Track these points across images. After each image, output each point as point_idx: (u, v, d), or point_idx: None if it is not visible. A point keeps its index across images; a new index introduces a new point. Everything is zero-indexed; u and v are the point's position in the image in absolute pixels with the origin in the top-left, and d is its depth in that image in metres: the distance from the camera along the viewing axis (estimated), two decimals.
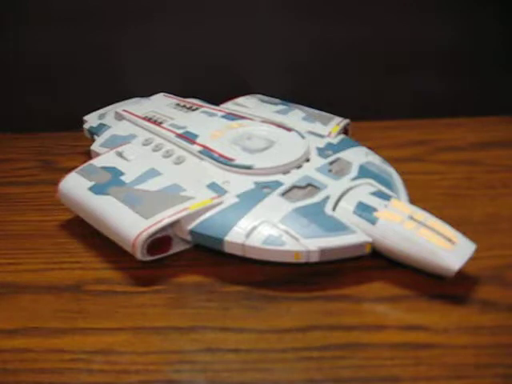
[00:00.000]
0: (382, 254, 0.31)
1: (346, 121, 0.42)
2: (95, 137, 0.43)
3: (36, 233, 0.36)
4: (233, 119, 0.41)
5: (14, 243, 0.35)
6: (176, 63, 0.51)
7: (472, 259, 0.29)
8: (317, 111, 0.43)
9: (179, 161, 0.36)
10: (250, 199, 0.32)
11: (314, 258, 0.29)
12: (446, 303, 0.29)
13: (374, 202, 0.31)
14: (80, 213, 0.35)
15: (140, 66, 0.51)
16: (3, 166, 0.46)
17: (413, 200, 0.33)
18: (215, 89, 0.49)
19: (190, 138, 0.38)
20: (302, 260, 0.29)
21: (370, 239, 0.30)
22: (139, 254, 0.30)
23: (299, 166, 0.35)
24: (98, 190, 0.34)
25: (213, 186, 0.33)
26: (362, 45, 0.49)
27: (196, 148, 0.36)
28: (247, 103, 0.46)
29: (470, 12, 0.48)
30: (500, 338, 0.26)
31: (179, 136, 0.38)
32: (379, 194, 0.32)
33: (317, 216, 0.31)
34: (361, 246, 0.30)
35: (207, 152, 0.36)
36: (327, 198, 0.32)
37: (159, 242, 0.32)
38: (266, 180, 0.33)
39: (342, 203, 0.32)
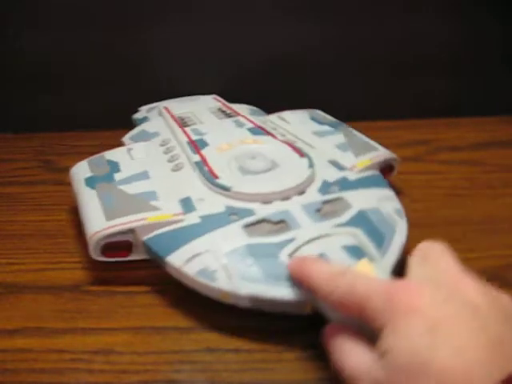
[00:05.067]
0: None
1: (388, 156, 0.37)
2: None
3: (36, 233, 0.36)
4: (256, 133, 0.39)
5: (14, 243, 0.35)
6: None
7: (472, 259, 0.28)
8: (364, 138, 0.40)
9: (177, 168, 0.36)
10: (211, 223, 0.30)
11: (244, 304, 0.27)
12: None
13: (338, 257, 0.27)
14: (75, 202, 0.35)
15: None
16: (3, 166, 0.46)
17: (413, 200, 0.33)
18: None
19: (197, 146, 0.37)
20: (231, 302, 0.27)
21: (309, 299, 0.25)
22: (93, 253, 0.30)
23: (286, 198, 0.31)
24: (89, 182, 0.35)
25: (185, 201, 0.32)
26: (362, 46, 0.49)
27: (195, 158, 0.36)
28: (291, 118, 0.43)
29: (470, 13, 0.48)
30: None
31: (190, 142, 0.38)
32: (352, 250, 0.27)
33: (266, 258, 0.27)
34: (299, 304, 0.26)
35: (201, 164, 0.35)
36: (292, 240, 0.28)
37: (118, 245, 0.31)
38: (240, 206, 0.31)
39: (303, 249, 0.28)
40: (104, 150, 0.39)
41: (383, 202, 0.32)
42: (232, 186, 0.32)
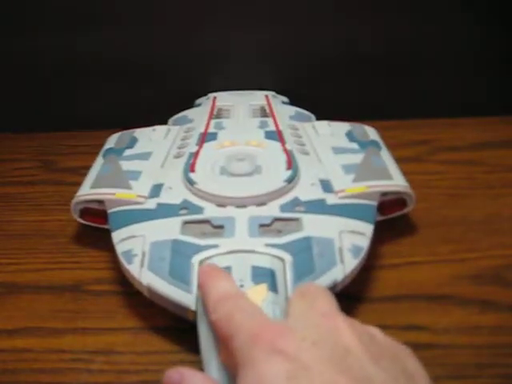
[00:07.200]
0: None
1: (397, 189, 0.33)
2: None
3: (36, 233, 0.36)
4: (270, 137, 0.37)
5: (14, 243, 0.35)
6: None
7: (472, 259, 0.29)
8: (387, 165, 0.35)
9: (178, 155, 0.36)
10: (161, 212, 0.31)
11: (145, 292, 0.27)
12: (445, 303, 0.29)
13: (241, 274, 0.25)
14: None
15: None
16: (3, 166, 0.46)
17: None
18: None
19: (205, 139, 0.37)
20: (137, 288, 0.28)
21: (193, 307, 0.25)
22: (73, 215, 0.34)
23: (242, 206, 0.30)
24: (106, 153, 0.38)
25: (156, 187, 0.33)
26: (361, 45, 0.49)
27: (194, 149, 0.36)
28: (325, 129, 0.40)
29: (470, 13, 0.48)
30: (500, 338, 0.26)
31: (202, 134, 0.38)
32: (260, 272, 0.26)
33: (181, 257, 0.27)
34: (184, 308, 0.26)
35: (192, 156, 0.35)
36: (215, 246, 0.27)
37: (95, 211, 0.33)
38: (194, 202, 0.31)
39: (215, 259, 0.27)
40: None
41: (345, 234, 0.29)
42: (197, 182, 0.32)
